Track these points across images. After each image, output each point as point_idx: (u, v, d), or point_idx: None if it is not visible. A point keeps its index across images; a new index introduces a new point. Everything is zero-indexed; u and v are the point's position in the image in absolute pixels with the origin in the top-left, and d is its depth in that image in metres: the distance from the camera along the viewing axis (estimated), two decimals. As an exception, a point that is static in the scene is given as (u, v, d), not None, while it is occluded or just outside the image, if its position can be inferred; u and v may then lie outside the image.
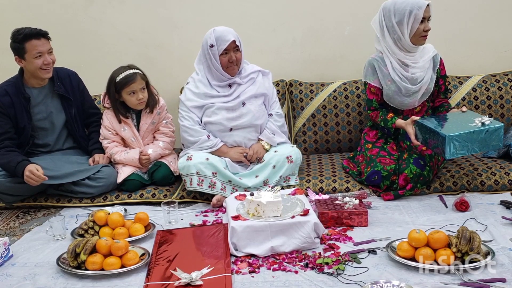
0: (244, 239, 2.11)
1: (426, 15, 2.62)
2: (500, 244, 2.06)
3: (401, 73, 2.71)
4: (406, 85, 2.70)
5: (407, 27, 2.62)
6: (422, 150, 2.68)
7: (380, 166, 2.66)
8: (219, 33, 2.70)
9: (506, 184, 2.68)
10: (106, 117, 2.94)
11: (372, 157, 2.74)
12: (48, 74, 2.82)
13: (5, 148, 2.74)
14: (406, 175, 2.61)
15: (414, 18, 2.60)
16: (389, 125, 2.71)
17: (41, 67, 2.75)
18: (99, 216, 2.33)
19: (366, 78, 2.81)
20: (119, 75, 2.80)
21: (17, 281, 2.00)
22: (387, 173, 2.63)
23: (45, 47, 2.76)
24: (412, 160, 2.63)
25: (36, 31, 2.73)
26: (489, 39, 3.41)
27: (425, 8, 2.59)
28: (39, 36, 2.73)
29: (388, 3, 2.68)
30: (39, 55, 2.73)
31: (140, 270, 2.02)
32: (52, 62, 2.81)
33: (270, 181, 2.71)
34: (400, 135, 2.84)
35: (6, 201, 2.79)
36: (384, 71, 2.74)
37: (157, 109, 2.95)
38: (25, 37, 2.70)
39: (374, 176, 2.66)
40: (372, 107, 2.80)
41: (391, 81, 2.72)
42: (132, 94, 2.81)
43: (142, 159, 2.87)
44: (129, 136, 2.93)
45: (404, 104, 2.75)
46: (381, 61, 2.75)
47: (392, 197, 2.63)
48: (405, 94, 2.72)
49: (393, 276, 1.87)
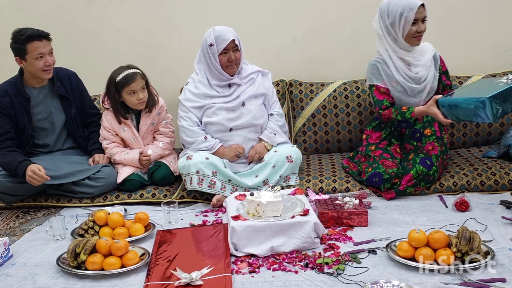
0: (244, 239, 2.10)
1: (419, 16, 2.61)
2: (500, 244, 2.06)
3: (405, 73, 2.71)
4: (410, 85, 2.70)
5: (399, 28, 2.64)
6: (429, 150, 2.69)
7: (382, 168, 2.65)
8: (218, 32, 2.70)
9: (506, 184, 2.68)
10: (105, 118, 2.94)
11: (375, 158, 2.74)
12: (49, 75, 2.82)
13: (6, 148, 2.75)
14: (411, 176, 2.60)
15: (405, 20, 2.61)
16: (408, 115, 2.66)
17: (42, 69, 2.76)
18: (99, 216, 2.33)
19: (372, 81, 2.79)
20: (119, 75, 2.79)
21: (17, 281, 2.00)
22: (388, 176, 2.63)
23: (47, 49, 2.75)
24: (419, 160, 2.63)
25: (38, 32, 2.73)
26: (489, 39, 3.41)
27: (417, 9, 2.58)
28: (40, 37, 2.73)
29: (384, 3, 2.69)
30: (41, 57, 2.73)
31: (140, 270, 2.02)
32: (53, 63, 2.81)
33: (270, 181, 2.71)
34: (406, 136, 2.83)
35: (6, 201, 2.79)
36: (388, 73, 2.74)
37: (157, 109, 2.95)
38: (27, 39, 2.69)
39: (375, 178, 2.66)
40: (384, 106, 2.75)
41: (396, 82, 2.72)
42: (132, 93, 2.81)
43: (142, 160, 2.87)
44: (129, 137, 2.93)
45: (410, 104, 2.74)
46: (384, 63, 2.75)
47: (394, 194, 2.63)
48: (410, 94, 2.73)
49: (393, 276, 1.87)
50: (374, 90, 2.78)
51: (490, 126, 3.19)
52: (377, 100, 2.77)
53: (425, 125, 2.80)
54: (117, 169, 2.91)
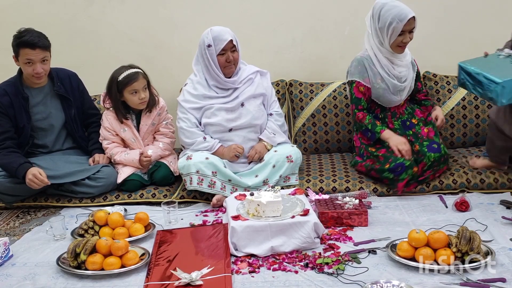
0: (244, 239, 2.11)
1: (407, 28, 2.63)
2: (500, 244, 2.06)
3: (389, 70, 2.76)
4: (394, 82, 2.75)
5: (386, 35, 2.67)
6: (428, 133, 2.77)
7: (400, 158, 2.63)
8: (216, 33, 2.70)
9: (506, 182, 2.68)
10: (106, 118, 2.93)
11: (386, 155, 2.72)
12: (39, 81, 2.81)
13: (7, 149, 2.74)
14: (425, 164, 2.62)
15: (393, 30, 2.64)
16: (378, 130, 2.73)
17: (31, 74, 2.75)
18: (99, 216, 2.33)
19: (354, 76, 2.80)
20: (121, 74, 2.78)
21: (17, 281, 2.00)
22: (410, 163, 2.62)
23: (38, 57, 2.71)
24: (426, 149, 2.63)
25: (34, 41, 2.68)
26: (489, 39, 3.40)
27: (407, 21, 2.60)
28: (34, 46, 2.68)
29: (378, 4, 2.69)
30: (29, 63, 2.72)
31: (140, 270, 2.02)
32: (45, 72, 2.78)
33: (270, 181, 2.71)
34: (398, 130, 2.83)
35: (6, 201, 2.78)
36: (374, 70, 2.78)
37: (157, 110, 2.94)
38: (20, 44, 2.69)
39: (398, 167, 2.63)
40: (360, 106, 2.80)
41: (381, 79, 2.76)
42: (134, 93, 2.80)
43: (142, 160, 2.87)
44: (129, 137, 2.93)
45: (392, 101, 2.81)
46: (370, 59, 2.78)
47: (416, 184, 2.66)
48: (393, 91, 2.78)
49: (393, 276, 1.87)
50: (354, 87, 2.80)
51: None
52: (355, 98, 2.81)
53: (409, 116, 2.88)
54: (117, 169, 2.90)
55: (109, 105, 2.90)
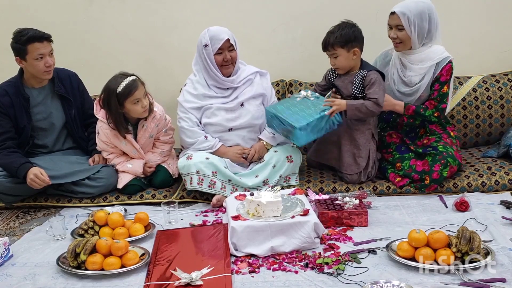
0: (244, 239, 2.11)
1: (391, 23, 2.71)
2: (500, 244, 2.06)
3: (398, 73, 2.79)
4: (392, 85, 2.81)
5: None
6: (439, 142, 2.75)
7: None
8: (213, 33, 2.70)
9: (506, 183, 2.68)
10: (102, 132, 2.79)
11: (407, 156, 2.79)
12: (49, 75, 2.82)
13: (8, 149, 2.75)
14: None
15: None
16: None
17: (42, 70, 2.76)
18: (99, 216, 2.33)
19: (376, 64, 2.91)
20: (119, 85, 2.62)
21: (17, 281, 2.00)
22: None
23: (47, 50, 2.75)
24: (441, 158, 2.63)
25: (39, 34, 2.72)
26: (489, 39, 3.41)
27: (390, 16, 2.70)
28: (42, 39, 2.72)
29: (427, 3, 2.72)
30: (41, 57, 2.73)
31: (140, 270, 2.02)
32: (53, 64, 2.81)
33: (270, 181, 2.71)
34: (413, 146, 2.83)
35: (6, 201, 2.78)
36: (385, 68, 2.86)
37: (155, 122, 2.83)
38: (28, 40, 2.69)
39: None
40: None
41: (390, 79, 2.82)
42: (136, 102, 2.66)
43: (147, 171, 2.87)
44: (129, 150, 2.86)
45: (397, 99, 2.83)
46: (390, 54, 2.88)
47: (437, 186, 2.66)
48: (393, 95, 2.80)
49: (393, 276, 1.87)
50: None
51: (490, 126, 3.19)
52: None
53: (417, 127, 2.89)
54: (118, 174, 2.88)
55: (102, 118, 2.76)
